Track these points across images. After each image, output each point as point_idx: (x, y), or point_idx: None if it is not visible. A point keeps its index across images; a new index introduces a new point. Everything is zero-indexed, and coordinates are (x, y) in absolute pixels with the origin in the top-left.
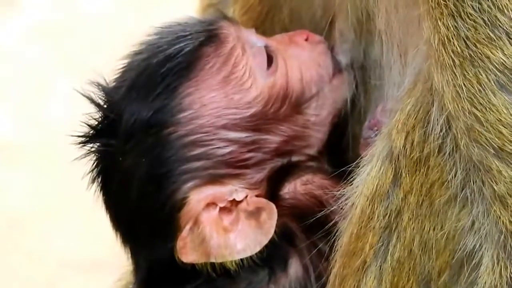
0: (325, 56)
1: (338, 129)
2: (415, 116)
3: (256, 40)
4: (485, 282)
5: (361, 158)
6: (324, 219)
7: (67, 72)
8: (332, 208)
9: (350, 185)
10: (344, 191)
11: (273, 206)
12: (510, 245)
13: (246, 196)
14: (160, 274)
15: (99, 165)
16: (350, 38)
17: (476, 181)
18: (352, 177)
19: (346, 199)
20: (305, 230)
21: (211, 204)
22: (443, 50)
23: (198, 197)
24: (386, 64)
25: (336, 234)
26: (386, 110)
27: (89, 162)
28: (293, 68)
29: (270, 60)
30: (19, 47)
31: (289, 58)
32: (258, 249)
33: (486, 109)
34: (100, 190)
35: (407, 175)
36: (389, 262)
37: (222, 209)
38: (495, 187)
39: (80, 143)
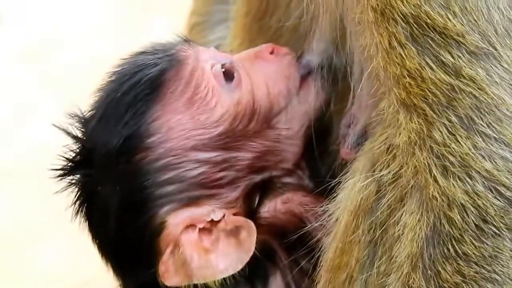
0: (291, 68)
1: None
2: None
3: (219, 58)
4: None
5: (344, 174)
6: (306, 236)
7: (53, 95)
8: (314, 225)
9: (334, 201)
10: (327, 207)
11: (252, 223)
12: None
13: (224, 216)
14: None
15: (81, 196)
16: (328, 37)
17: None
18: (335, 192)
19: (329, 215)
20: (286, 248)
21: (189, 226)
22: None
23: (175, 221)
24: (360, 59)
25: (320, 251)
26: (363, 106)
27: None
28: (259, 84)
29: (232, 77)
30: (3, 70)
31: (255, 73)
32: (240, 267)
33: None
34: (85, 221)
35: (387, 184)
36: (375, 275)
37: (201, 230)
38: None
39: (59, 176)
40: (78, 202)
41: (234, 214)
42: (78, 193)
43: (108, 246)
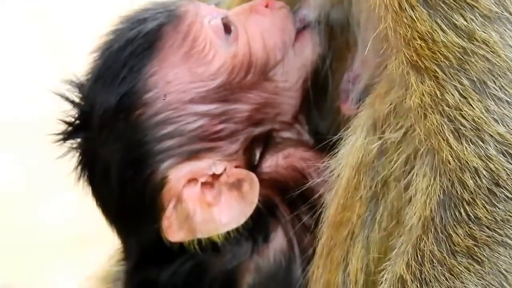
0: (286, 21)
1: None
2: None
3: (215, 13)
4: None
5: (345, 130)
6: (308, 192)
7: (55, 55)
8: (316, 181)
9: (335, 157)
10: (328, 163)
11: (254, 175)
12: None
13: (225, 169)
14: (150, 256)
15: (83, 160)
16: None
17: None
18: (336, 148)
19: (331, 171)
20: (288, 204)
21: (192, 180)
22: None
23: (177, 175)
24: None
25: (322, 207)
26: (368, 64)
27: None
28: (255, 36)
29: (229, 30)
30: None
31: (251, 27)
32: (243, 220)
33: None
34: (87, 184)
35: (392, 145)
36: (377, 231)
37: (203, 184)
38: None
39: (59, 140)
40: (80, 167)
41: (236, 167)
42: (79, 158)
43: (111, 206)
